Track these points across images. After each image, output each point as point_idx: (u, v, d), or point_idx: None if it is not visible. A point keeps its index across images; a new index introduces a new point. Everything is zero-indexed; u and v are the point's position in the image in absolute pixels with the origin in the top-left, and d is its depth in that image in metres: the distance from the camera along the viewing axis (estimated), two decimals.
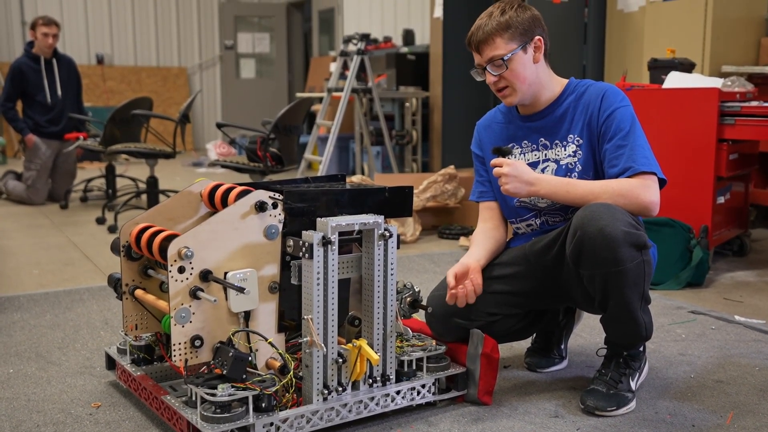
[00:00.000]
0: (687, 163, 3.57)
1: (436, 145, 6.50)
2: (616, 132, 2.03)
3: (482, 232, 2.23)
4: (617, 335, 2.04)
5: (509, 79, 2.08)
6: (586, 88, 2.13)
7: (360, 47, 6.00)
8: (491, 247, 2.19)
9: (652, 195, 1.97)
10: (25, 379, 2.24)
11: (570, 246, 1.91)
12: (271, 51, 11.74)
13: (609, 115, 2.05)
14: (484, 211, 2.29)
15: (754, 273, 3.62)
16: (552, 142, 2.14)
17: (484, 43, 2.07)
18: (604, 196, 1.96)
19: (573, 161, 2.11)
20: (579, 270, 1.92)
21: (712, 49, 4.58)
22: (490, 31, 2.05)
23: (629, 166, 1.99)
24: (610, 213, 1.87)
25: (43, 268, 3.76)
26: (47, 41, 5.88)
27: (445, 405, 2.04)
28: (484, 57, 2.09)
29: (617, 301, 1.92)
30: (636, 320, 1.96)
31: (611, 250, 1.84)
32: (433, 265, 3.80)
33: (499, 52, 2.05)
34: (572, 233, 1.91)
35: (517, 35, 2.05)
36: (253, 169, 4.57)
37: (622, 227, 1.85)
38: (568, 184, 2.01)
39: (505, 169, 1.99)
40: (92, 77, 10.58)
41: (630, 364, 2.06)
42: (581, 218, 1.90)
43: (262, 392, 1.73)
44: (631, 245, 1.86)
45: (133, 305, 2.02)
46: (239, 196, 1.92)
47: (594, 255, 1.86)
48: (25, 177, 6.00)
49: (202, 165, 8.97)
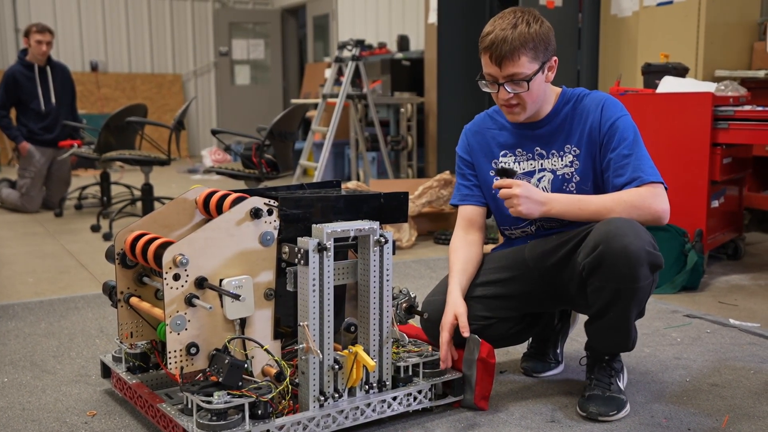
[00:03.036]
0: (681, 167, 3.58)
1: (432, 151, 6.51)
2: (620, 141, 2.02)
3: (463, 248, 2.17)
4: (603, 343, 2.05)
5: (524, 99, 2.03)
6: (582, 98, 2.11)
7: (355, 53, 6.01)
8: (472, 271, 2.16)
9: (663, 204, 1.97)
10: (20, 388, 2.24)
11: (588, 257, 1.90)
12: (266, 57, 11.74)
13: (612, 124, 2.04)
14: (464, 219, 2.23)
15: (749, 276, 3.63)
16: (548, 152, 2.13)
17: (509, 59, 1.96)
18: (617, 209, 1.95)
19: (570, 171, 2.10)
20: (590, 279, 1.92)
21: (706, 53, 4.61)
22: (517, 46, 1.94)
23: (637, 175, 1.98)
24: (634, 231, 1.86)
25: (37, 276, 3.75)
26: (41, 49, 5.87)
27: (442, 410, 2.04)
28: (504, 72, 1.98)
29: (618, 313, 1.93)
30: (628, 332, 1.98)
31: (632, 268, 1.84)
32: (429, 271, 3.80)
33: (524, 71, 1.97)
34: (592, 246, 1.89)
35: (540, 54, 1.98)
36: (248, 175, 4.57)
37: (645, 247, 1.85)
38: (580, 201, 1.99)
39: (516, 190, 1.93)
40: (86, 84, 10.57)
41: (613, 366, 2.07)
42: (605, 233, 1.87)
43: (258, 399, 1.73)
44: (649, 265, 1.87)
45: (128, 313, 2.02)
46: (234, 203, 1.92)
47: (614, 269, 1.86)
48: (19, 185, 5.98)
49: (197, 172, 8.97)
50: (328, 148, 5.76)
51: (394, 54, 7.48)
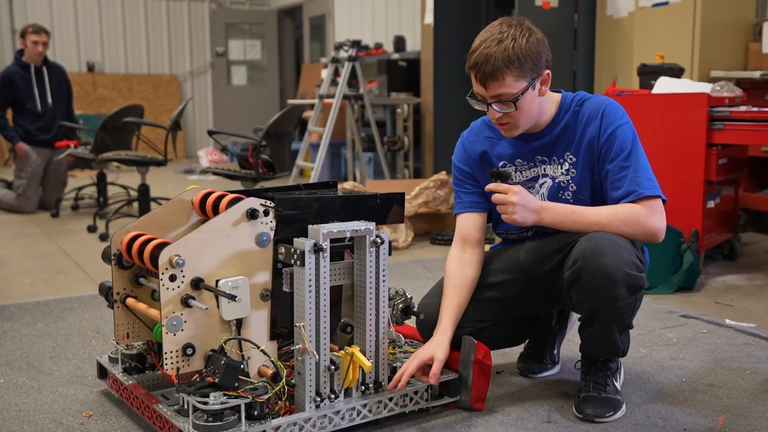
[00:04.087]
0: (677, 167, 3.59)
1: (428, 151, 6.51)
2: (618, 152, 1.97)
3: (457, 274, 2.10)
4: (594, 350, 2.06)
5: (515, 117, 1.97)
6: (582, 103, 2.06)
7: (351, 54, 6.01)
8: (467, 295, 2.10)
9: (659, 222, 1.93)
10: (16, 389, 2.23)
11: (568, 271, 1.90)
12: (263, 58, 11.74)
13: (611, 134, 1.98)
14: (461, 233, 2.16)
15: (745, 277, 3.64)
16: (550, 159, 2.09)
17: (492, 79, 1.90)
18: (612, 224, 1.91)
19: (566, 179, 2.06)
20: (570, 292, 1.93)
21: (701, 54, 4.62)
22: (499, 66, 1.88)
23: (633, 189, 1.94)
24: (615, 250, 1.83)
25: (34, 277, 3.74)
26: (37, 49, 5.87)
27: (438, 411, 2.04)
28: (490, 92, 1.93)
29: (600, 328, 1.94)
30: (614, 344, 1.98)
31: (608, 288, 1.83)
32: (425, 272, 3.80)
33: (509, 91, 1.91)
34: (573, 260, 1.89)
35: (527, 70, 1.91)
36: (244, 176, 4.56)
37: (624, 268, 1.83)
38: (573, 213, 1.96)
39: (513, 197, 1.90)
40: (83, 85, 10.55)
41: (609, 366, 2.07)
42: (585, 249, 1.86)
43: (255, 400, 1.73)
44: (628, 287, 1.85)
45: (124, 314, 2.01)
46: (231, 203, 1.91)
47: (590, 287, 1.86)
48: (15, 185, 5.97)
49: (193, 172, 8.96)
50: (324, 148, 5.76)
51: (390, 54, 7.49)
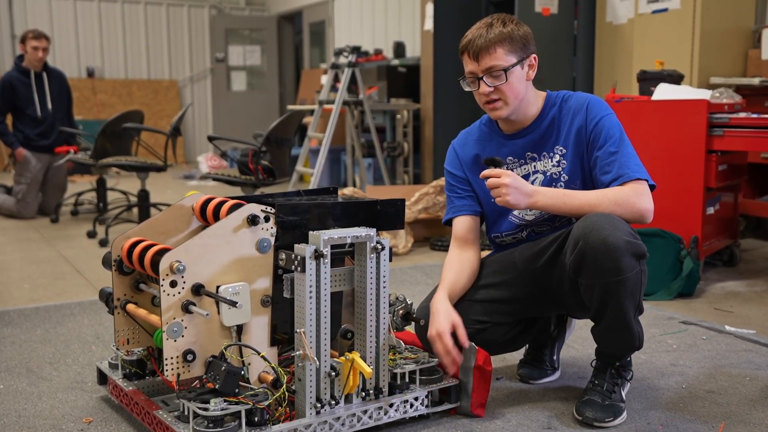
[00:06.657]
0: (676, 174, 3.59)
1: (428, 157, 6.52)
2: (606, 139, 2.05)
3: (456, 262, 2.17)
4: (610, 345, 2.05)
5: (504, 92, 2.05)
6: (567, 98, 2.14)
7: (351, 60, 6.02)
8: (464, 283, 2.15)
9: (647, 202, 1.99)
10: (16, 395, 2.23)
11: (571, 256, 1.92)
12: (262, 64, 11.75)
13: (597, 122, 2.07)
14: (458, 236, 2.21)
15: (745, 283, 3.64)
16: (540, 154, 2.15)
17: (485, 51, 2.02)
18: (602, 205, 1.96)
19: (557, 171, 2.12)
20: (579, 279, 1.93)
21: (701, 61, 4.63)
22: (492, 39, 2.02)
23: (622, 173, 2.01)
24: (611, 223, 1.88)
25: (33, 283, 3.74)
26: (37, 55, 5.87)
27: (438, 417, 2.04)
28: (482, 65, 2.04)
29: (614, 311, 1.93)
30: (630, 330, 1.97)
31: (614, 260, 1.85)
32: (425, 277, 3.80)
33: (500, 63, 2.02)
34: (573, 243, 1.91)
35: (517, 49, 2.04)
36: (244, 182, 4.57)
37: (624, 237, 1.86)
38: (565, 195, 2.01)
39: (505, 180, 1.95)
40: (83, 90, 10.57)
41: (622, 374, 2.08)
42: (582, 228, 1.90)
43: (255, 406, 1.72)
44: (632, 255, 1.88)
45: (124, 320, 2.01)
46: (231, 209, 1.92)
47: (596, 264, 1.87)
48: (15, 191, 5.97)
49: (193, 178, 8.96)
50: (324, 154, 5.77)
51: (390, 60, 7.50)
